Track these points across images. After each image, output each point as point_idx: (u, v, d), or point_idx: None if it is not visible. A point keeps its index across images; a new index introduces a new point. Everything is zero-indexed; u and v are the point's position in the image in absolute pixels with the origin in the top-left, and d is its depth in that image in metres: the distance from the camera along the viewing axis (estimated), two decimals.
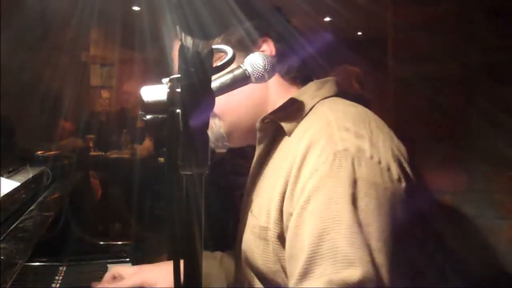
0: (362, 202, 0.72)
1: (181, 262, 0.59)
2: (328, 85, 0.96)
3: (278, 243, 0.83)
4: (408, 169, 0.81)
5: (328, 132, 0.80)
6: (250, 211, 0.94)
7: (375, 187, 0.74)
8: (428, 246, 0.82)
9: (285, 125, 0.90)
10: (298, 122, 0.90)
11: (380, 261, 0.69)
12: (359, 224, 0.70)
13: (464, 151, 1.82)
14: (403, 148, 0.85)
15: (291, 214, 0.79)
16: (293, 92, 0.97)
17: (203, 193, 0.58)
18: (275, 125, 0.92)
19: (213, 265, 1.19)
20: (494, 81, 1.80)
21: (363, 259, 0.68)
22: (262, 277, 0.90)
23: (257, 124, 0.93)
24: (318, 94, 0.94)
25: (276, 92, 0.97)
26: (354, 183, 0.73)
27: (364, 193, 0.73)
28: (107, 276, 1.25)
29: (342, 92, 0.97)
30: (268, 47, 0.95)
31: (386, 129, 0.87)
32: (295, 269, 0.74)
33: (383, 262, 0.69)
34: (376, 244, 0.70)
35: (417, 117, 1.84)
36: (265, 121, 0.93)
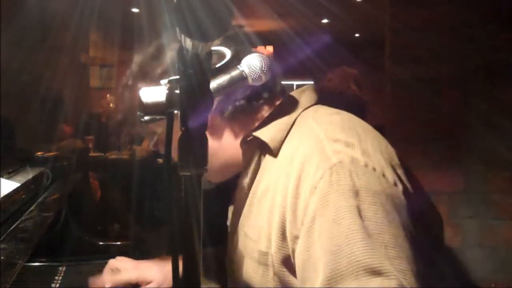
0: (369, 212, 0.71)
1: (180, 262, 0.60)
2: (306, 94, 0.94)
3: (283, 267, 0.81)
4: (399, 171, 0.80)
5: (319, 147, 0.79)
6: (244, 233, 0.92)
7: (378, 195, 0.73)
8: (427, 247, 0.81)
9: (271, 142, 0.87)
10: (283, 138, 0.88)
11: (402, 267, 0.67)
12: (372, 234, 0.69)
13: (461, 152, 1.83)
14: (391, 150, 0.84)
15: (297, 237, 0.76)
16: (266, 110, 0.94)
17: (201, 194, 0.58)
18: (260, 143, 0.89)
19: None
20: (491, 82, 1.81)
21: (387, 268, 0.66)
22: None
23: (241, 146, 0.91)
24: (298, 106, 0.91)
25: (254, 112, 0.93)
26: (356, 194, 0.72)
27: (369, 202, 0.71)
28: (107, 269, 1.24)
29: (325, 98, 0.96)
30: None
31: (373, 133, 0.85)
32: None
33: (405, 267, 0.67)
34: (393, 251, 0.68)
35: (414, 118, 1.85)
36: (248, 139, 0.90)
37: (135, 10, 4.97)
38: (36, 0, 3.29)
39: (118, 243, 1.59)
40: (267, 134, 0.88)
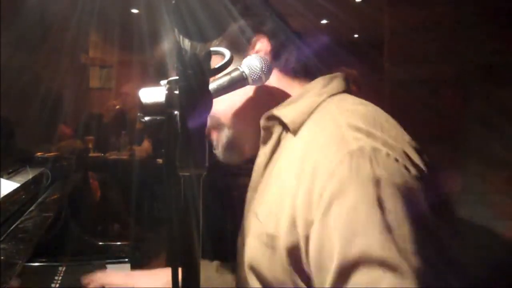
0: (389, 203, 0.67)
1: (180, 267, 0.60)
2: (335, 81, 0.92)
3: (292, 251, 0.78)
4: (421, 165, 0.76)
5: (339, 132, 0.77)
6: (255, 214, 0.89)
7: (398, 186, 0.69)
8: (446, 243, 0.78)
9: (291, 124, 0.86)
10: (304, 121, 0.86)
11: (419, 264, 0.65)
12: (391, 227, 0.66)
13: (459, 152, 1.83)
14: (413, 143, 0.80)
15: (312, 222, 0.73)
16: (296, 87, 0.93)
17: (201, 194, 0.58)
18: (280, 123, 0.88)
19: (208, 269, 1.18)
20: (489, 83, 1.82)
21: (402, 264, 0.63)
22: (267, 285, 0.86)
23: (261, 122, 0.90)
24: (325, 91, 0.89)
25: (280, 89, 0.93)
26: (377, 183, 0.68)
27: (389, 193, 0.68)
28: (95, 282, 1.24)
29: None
30: (263, 44, 0.92)
31: (398, 127, 0.83)
32: (325, 279, 0.70)
33: (423, 265, 0.65)
34: (411, 247, 0.65)
35: (413, 118, 1.85)
36: (269, 117, 0.89)
37: (134, 11, 4.97)
38: (36, 0, 3.29)
39: (118, 243, 1.60)
40: (289, 115, 0.87)
